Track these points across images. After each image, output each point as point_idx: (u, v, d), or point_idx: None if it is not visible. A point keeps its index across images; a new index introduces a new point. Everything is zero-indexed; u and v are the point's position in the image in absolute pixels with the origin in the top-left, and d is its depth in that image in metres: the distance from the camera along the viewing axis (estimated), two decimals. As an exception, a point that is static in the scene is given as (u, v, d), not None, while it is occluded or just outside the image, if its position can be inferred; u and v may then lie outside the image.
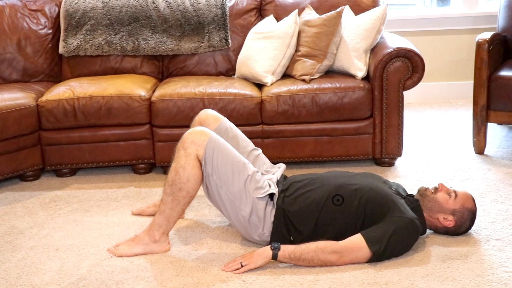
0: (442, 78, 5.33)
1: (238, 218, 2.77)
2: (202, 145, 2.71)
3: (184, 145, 2.73)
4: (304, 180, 2.89)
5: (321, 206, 2.74)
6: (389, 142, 3.77)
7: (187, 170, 2.71)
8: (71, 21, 4.18)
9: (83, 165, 3.82)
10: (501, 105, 3.87)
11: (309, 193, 2.79)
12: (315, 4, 4.24)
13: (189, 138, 2.74)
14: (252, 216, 2.75)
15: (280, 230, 2.75)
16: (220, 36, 4.20)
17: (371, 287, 2.50)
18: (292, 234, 2.75)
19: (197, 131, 2.77)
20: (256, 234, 2.79)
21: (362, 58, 3.85)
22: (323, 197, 2.75)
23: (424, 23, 5.21)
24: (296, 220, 2.75)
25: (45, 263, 2.79)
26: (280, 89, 3.74)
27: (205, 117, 3.09)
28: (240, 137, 3.08)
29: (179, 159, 2.72)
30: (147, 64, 4.27)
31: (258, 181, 2.77)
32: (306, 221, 2.74)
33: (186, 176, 2.71)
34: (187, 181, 2.71)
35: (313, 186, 2.82)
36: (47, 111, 3.70)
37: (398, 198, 2.78)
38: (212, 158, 2.71)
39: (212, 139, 2.74)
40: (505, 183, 3.51)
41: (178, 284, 2.56)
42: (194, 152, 2.71)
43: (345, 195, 2.74)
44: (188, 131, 2.79)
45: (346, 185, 2.78)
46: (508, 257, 2.70)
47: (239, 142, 3.04)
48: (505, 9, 4.36)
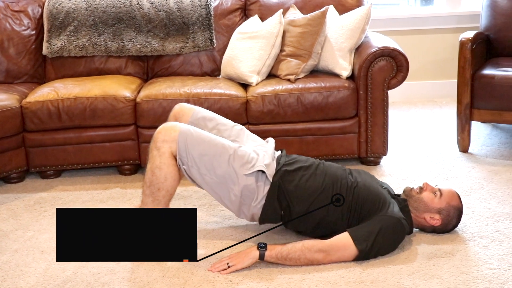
0: (426, 77, 5.36)
1: (231, 199, 2.76)
2: (174, 140, 2.71)
3: (156, 145, 2.73)
4: (307, 162, 2.88)
5: (318, 193, 2.74)
6: (374, 141, 3.78)
7: (163, 169, 2.71)
8: (55, 22, 4.16)
9: (68, 167, 3.80)
10: (485, 103, 3.90)
11: (311, 177, 2.79)
12: (300, 4, 4.25)
13: (160, 137, 2.73)
14: (244, 192, 2.74)
15: (272, 203, 2.75)
16: (205, 36, 4.20)
17: (358, 285, 2.51)
18: (284, 209, 2.76)
19: (166, 128, 2.76)
20: (249, 208, 2.77)
21: (347, 58, 3.86)
22: (322, 185, 2.75)
23: (408, 22, 5.24)
24: (291, 197, 2.74)
25: (30, 266, 2.77)
26: (265, 89, 3.74)
27: (179, 110, 3.06)
28: (218, 118, 3.05)
29: (154, 159, 2.72)
30: (131, 64, 4.26)
31: (242, 156, 2.76)
32: (300, 201, 2.73)
33: (163, 175, 2.71)
34: (164, 180, 2.72)
35: (316, 171, 2.82)
36: (31, 113, 3.68)
37: (390, 198, 2.80)
38: (187, 150, 2.71)
39: (182, 132, 2.73)
40: (489, 180, 3.54)
41: (165, 285, 2.56)
42: (168, 150, 2.71)
43: (342, 190, 2.75)
44: (158, 130, 2.77)
45: (343, 179, 2.80)
46: (493, 254, 2.72)
47: (218, 122, 3.01)
48: (487, 8, 4.39)
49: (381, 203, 2.73)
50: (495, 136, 4.30)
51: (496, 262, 2.66)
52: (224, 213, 3.20)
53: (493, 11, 4.35)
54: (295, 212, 2.74)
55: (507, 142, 4.16)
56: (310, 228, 2.78)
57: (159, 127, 2.79)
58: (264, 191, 2.75)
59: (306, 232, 2.83)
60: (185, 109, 3.06)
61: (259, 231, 2.97)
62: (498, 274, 2.56)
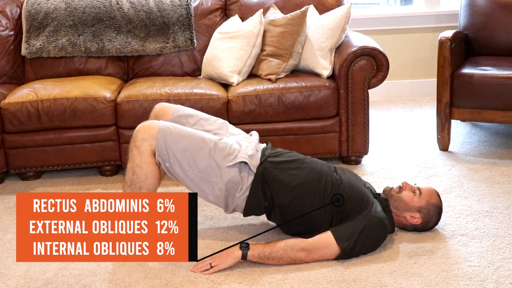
0: (406, 76, 5.39)
1: (216, 194, 2.76)
2: (153, 138, 2.70)
3: (136, 144, 2.72)
4: (292, 156, 2.88)
5: (303, 187, 2.74)
6: (355, 140, 3.80)
7: (144, 168, 2.70)
8: (33, 22, 4.12)
9: (48, 168, 3.77)
10: (464, 102, 3.93)
11: (294, 170, 2.79)
12: (280, 3, 4.25)
13: (139, 136, 2.72)
14: (228, 184, 2.73)
15: (256, 194, 2.75)
16: (185, 37, 4.19)
17: (340, 284, 2.52)
18: (268, 201, 2.76)
19: (145, 127, 2.75)
20: (233, 199, 2.76)
21: (327, 57, 3.87)
22: (307, 179, 2.76)
23: (388, 22, 5.26)
24: (275, 189, 2.74)
25: (10, 268, 2.74)
26: (246, 88, 3.74)
27: (159, 110, 3.06)
28: (200, 113, 3.05)
29: (134, 158, 2.71)
30: (112, 65, 4.23)
31: (224, 148, 2.76)
32: (284, 193, 2.74)
33: (143, 174, 2.70)
34: (145, 179, 2.71)
35: (299, 165, 2.82)
36: (10, 114, 3.64)
37: (372, 197, 2.81)
38: (166, 147, 2.70)
39: (161, 130, 2.72)
40: (469, 179, 3.57)
41: (147, 286, 2.55)
42: (148, 148, 2.70)
43: (327, 186, 2.75)
44: (137, 129, 2.77)
45: (329, 175, 2.80)
46: (473, 252, 2.74)
47: (199, 117, 3.01)
48: (465, 8, 4.43)
49: (365, 202, 2.74)
50: (474, 135, 4.33)
51: (476, 259, 2.68)
52: (205, 213, 3.20)
53: (472, 10, 4.38)
54: (279, 204, 2.75)
55: (486, 141, 4.20)
56: (293, 223, 2.77)
57: (138, 126, 2.79)
58: (248, 181, 2.75)
59: (289, 227, 2.83)
60: (166, 108, 3.05)
61: (244, 230, 2.96)
62: (478, 272, 2.59)
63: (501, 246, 2.79)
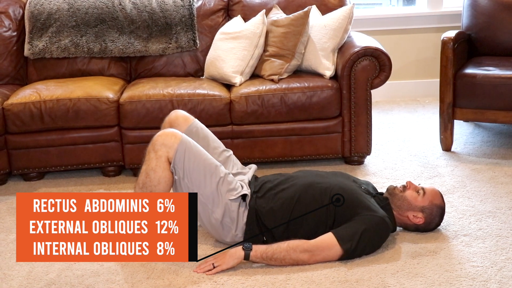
0: (408, 77, 5.38)
1: (211, 221, 2.76)
2: (172, 147, 2.69)
3: (154, 148, 2.71)
4: (275, 180, 2.89)
5: (292, 206, 2.74)
6: (358, 141, 3.80)
7: (158, 172, 2.69)
8: (36, 23, 4.13)
9: (51, 169, 3.77)
10: (467, 102, 3.93)
11: (280, 193, 2.80)
12: (283, 4, 4.25)
13: (160, 140, 2.71)
14: (225, 218, 2.74)
15: (253, 231, 2.76)
16: (188, 37, 4.19)
17: (342, 285, 2.51)
18: (265, 234, 2.76)
19: (167, 133, 2.75)
20: (229, 236, 2.79)
21: (330, 58, 3.87)
22: (294, 197, 2.76)
23: (390, 22, 5.26)
24: (268, 221, 2.75)
25: (13, 269, 2.75)
26: (249, 89, 3.74)
27: (175, 118, 3.05)
28: (211, 138, 3.06)
29: (150, 161, 2.70)
30: (114, 65, 4.23)
31: (230, 182, 2.77)
32: (278, 221, 2.74)
33: (156, 178, 2.69)
34: (157, 184, 2.70)
35: (284, 186, 2.82)
36: (13, 115, 3.65)
37: (368, 197, 2.80)
38: (184, 160, 2.70)
39: (183, 141, 2.72)
40: (471, 179, 3.56)
41: (149, 286, 2.55)
42: (165, 155, 2.69)
43: (316, 194, 2.75)
44: (158, 133, 2.76)
45: (316, 183, 2.79)
46: (476, 252, 2.74)
47: (209, 143, 3.02)
48: (468, 8, 4.43)
49: (359, 202, 2.73)
50: (477, 135, 4.33)
51: (479, 260, 2.68)
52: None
53: (474, 10, 4.38)
54: (277, 233, 2.74)
55: (489, 141, 4.20)
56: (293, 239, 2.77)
57: (160, 131, 2.78)
58: (244, 218, 2.76)
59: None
60: (180, 119, 3.04)
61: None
62: (481, 272, 2.58)
63: (504, 247, 2.78)
